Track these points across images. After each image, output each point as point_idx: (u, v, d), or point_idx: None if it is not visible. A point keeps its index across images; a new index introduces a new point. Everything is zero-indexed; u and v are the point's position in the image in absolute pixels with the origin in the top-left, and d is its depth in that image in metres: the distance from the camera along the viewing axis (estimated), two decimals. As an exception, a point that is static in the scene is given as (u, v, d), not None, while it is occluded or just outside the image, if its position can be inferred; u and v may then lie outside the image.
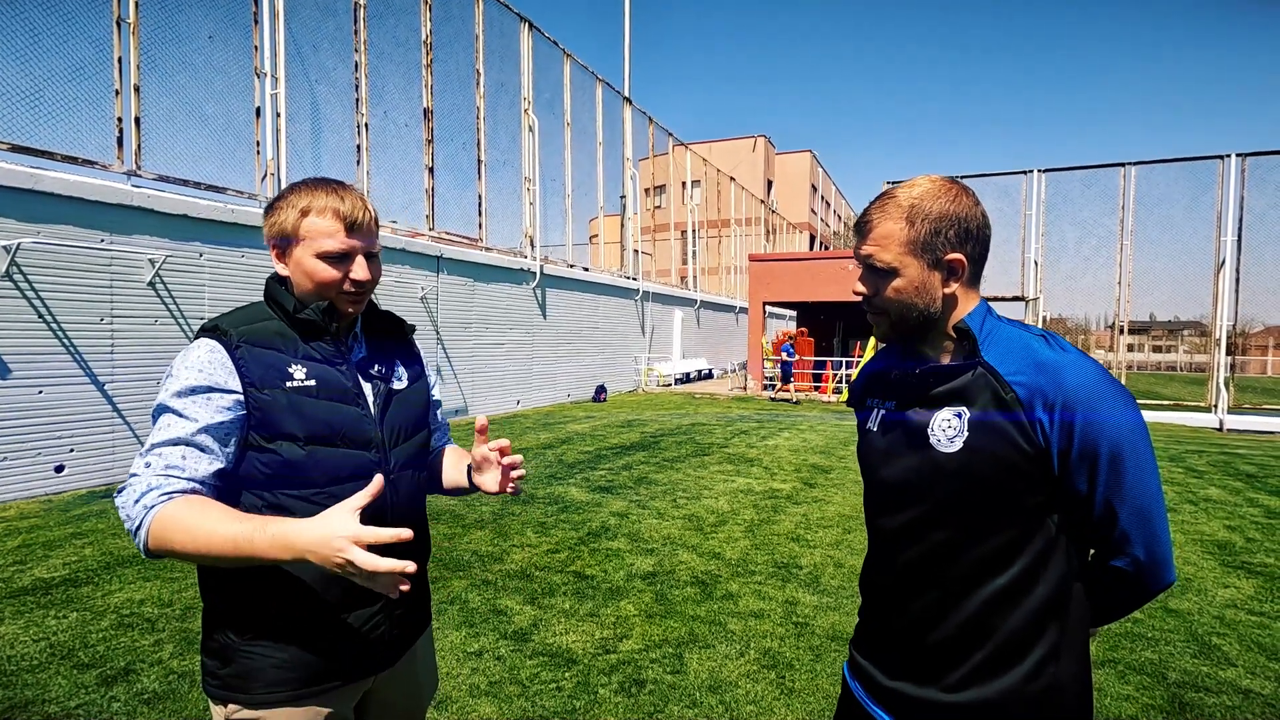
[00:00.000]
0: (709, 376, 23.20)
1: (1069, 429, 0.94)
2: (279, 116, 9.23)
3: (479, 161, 13.23)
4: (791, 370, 17.42)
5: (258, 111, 9.06)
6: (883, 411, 1.16)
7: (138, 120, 7.52)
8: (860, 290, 1.11)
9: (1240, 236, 13.32)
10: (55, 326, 6.40)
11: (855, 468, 7.52)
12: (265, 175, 9.13)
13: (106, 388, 6.78)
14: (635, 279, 19.33)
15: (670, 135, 22.33)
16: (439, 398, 1.50)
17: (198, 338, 1.15)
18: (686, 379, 21.36)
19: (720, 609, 3.67)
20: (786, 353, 17.45)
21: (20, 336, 6.16)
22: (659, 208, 28.25)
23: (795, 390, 17.71)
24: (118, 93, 7.34)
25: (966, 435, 1.00)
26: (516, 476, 1.31)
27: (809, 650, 3.19)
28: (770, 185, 40.89)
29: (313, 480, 1.14)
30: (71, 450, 6.51)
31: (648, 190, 24.68)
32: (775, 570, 4.29)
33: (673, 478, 7.11)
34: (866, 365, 1.28)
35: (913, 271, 1.04)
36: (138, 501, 1.02)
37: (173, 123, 8.00)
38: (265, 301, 1.22)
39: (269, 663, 1.13)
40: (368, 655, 1.21)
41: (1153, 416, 13.19)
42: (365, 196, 1.22)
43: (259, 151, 9.11)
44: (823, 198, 48.85)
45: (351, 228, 1.16)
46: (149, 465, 1.05)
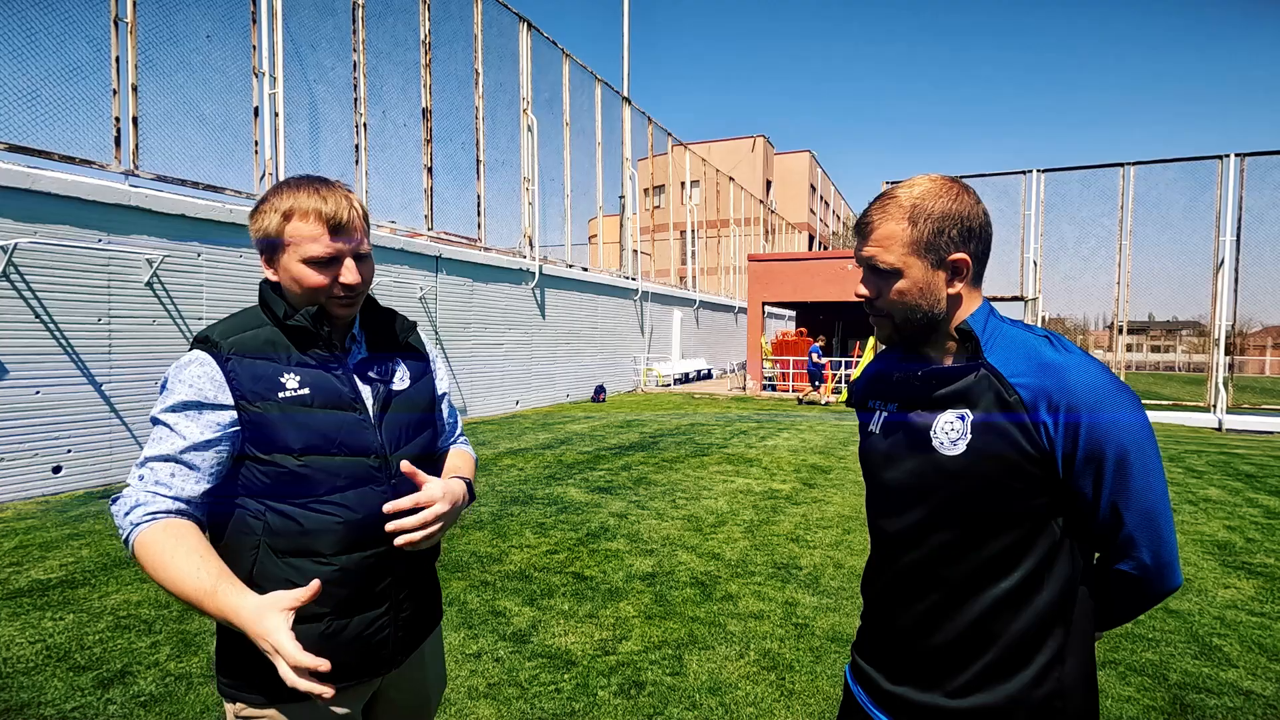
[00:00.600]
0: (708, 377, 23.18)
1: (1074, 431, 0.93)
2: (277, 116, 9.20)
3: (478, 161, 13.21)
4: (822, 372, 16.86)
5: (256, 111, 9.04)
6: (885, 413, 1.14)
7: (135, 120, 7.50)
8: (863, 293, 1.10)
9: (1239, 236, 13.33)
10: (53, 327, 6.37)
11: (855, 468, 7.51)
12: (263, 175, 9.11)
13: (104, 388, 6.76)
14: (634, 279, 19.31)
15: (669, 135, 22.33)
16: (445, 390, 1.44)
17: (191, 349, 1.14)
18: (685, 379, 21.34)
19: (720, 610, 3.66)
20: (816, 354, 16.85)
21: (17, 337, 6.13)
22: (658, 208, 28.28)
23: (825, 391, 16.91)
24: (115, 92, 7.32)
25: (970, 437, 0.99)
26: (402, 542, 1.12)
27: (809, 652, 3.18)
28: (769, 185, 40.91)
29: (314, 489, 1.13)
30: (69, 451, 6.49)
31: (647, 190, 24.70)
32: (775, 571, 4.28)
33: (672, 478, 7.10)
34: (868, 366, 1.27)
35: (916, 272, 1.03)
36: (127, 515, 1.06)
37: (170, 122, 7.99)
38: (259, 306, 1.20)
39: None
40: (373, 656, 1.21)
41: (1152, 416, 13.04)
42: (351, 193, 1.18)
43: (257, 151, 9.09)
44: (822, 198, 48.87)
45: (337, 229, 1.13)
46: (141, 479, 1.07)
